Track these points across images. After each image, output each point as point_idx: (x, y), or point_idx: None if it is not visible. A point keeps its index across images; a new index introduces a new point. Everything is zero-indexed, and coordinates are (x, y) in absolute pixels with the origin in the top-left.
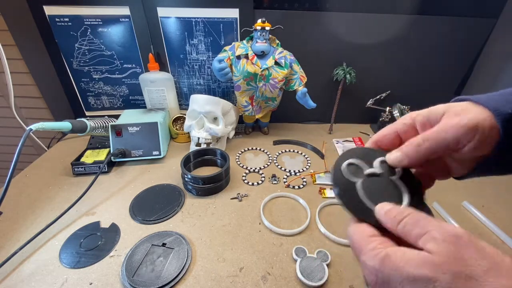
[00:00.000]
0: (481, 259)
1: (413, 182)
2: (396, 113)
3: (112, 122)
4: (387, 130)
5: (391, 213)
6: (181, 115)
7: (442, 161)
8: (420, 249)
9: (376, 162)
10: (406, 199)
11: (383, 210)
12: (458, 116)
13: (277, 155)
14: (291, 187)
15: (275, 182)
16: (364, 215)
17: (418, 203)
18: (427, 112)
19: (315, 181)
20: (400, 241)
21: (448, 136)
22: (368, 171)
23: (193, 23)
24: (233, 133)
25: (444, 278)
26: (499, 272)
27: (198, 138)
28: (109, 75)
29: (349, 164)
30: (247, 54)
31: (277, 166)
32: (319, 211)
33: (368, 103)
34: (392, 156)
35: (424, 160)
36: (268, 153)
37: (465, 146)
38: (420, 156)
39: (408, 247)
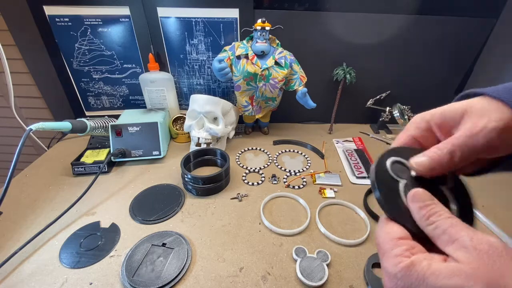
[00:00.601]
0: None
1: (464, 196)
2: (396, 113)
3: (112, 122)
4: (404, 138)
5: (425, 210)
6: (181, 115)
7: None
8: (447, 255)
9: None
10: (454, 206)
11: (419, 199)
12: (483, 117)
13: (277, 155)
14: (291, 187)
15: (275, 182)
16: (399, 215)
17: (464, 217)
18: (442, 112)
19: (315, 181)
20: (431, 243)
21: (479, 142)
22: (415, 173)
23: (193, 23)
24: (233, 133)
25: None
26: None
27: (198, 138)
28: (109, 75)
29: (395, 162)
30: (247, 54)
31: (277, 166)
32: (319, 211)
33: (368, 103)
34: (419, 161)
35: (454, 167)
36: (268, 153)
37: (498, 148)
38: (452, 164)
39: (438, 253)
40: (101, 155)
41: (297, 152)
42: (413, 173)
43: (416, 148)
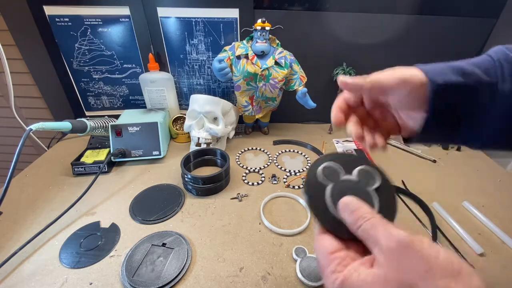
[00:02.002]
0: (418, 264)
1: (389, 198)
2: None
3: (112, 122)
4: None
5: (352, 216)
6: (181, 115)
7: (393, 117)
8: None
9: (356, 170)
10: (376, 208)
11: (347, 208)
12: (396, 70)
13: (277, 155)
14: (291, 187)
15: (275, 182)
16: (327, 221)
17: (386, 210)
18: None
19: None
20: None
21: (383, 80)
22: (344, 177)
23: (193, 23)
24: (233, 133)
25: None
26: (433, 274)
27: (198, 138)
28: (109, 75)
29: (325, 168)
30: (247, 54)
31: (277, 166)
32: None
33: None
34: (341, 78)
35: (367, 96)
36: (268, 153)
37: (397, 91)
38: (361, 89)
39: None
40: (101, 155)
41: (297, 152)
42: (342, 177)
43: (349, 154)
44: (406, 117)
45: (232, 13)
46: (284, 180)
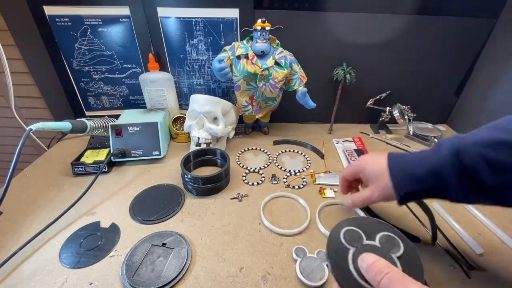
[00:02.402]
0: None
1: (414, 266)
2: (396, 113)
3: (112, 122)
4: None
5: (372, 268)
6: (181, 115)
7: None
8: None
9: (378, 236)
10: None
11: (364, 262)
12: (378, 189)
13: (277, 155)
14: (291, 187)
15: (275, 182)
16: (346, 282)
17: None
18: (365, 173)
19: (315, 181)
20: None
21: (375, 199)
22: (366, 242)
23: (193, 23)
24: (233, 133)
25: None
26: None
27: (198, 138)
28: (109, 75)
29: (347, 232)
30: (247, 54)
31: (277, 166)
32: (319, 211)
33: (368, 103)
34: (347, 202)
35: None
36: (268, 153)
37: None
38: (361, 205)
39: None
40: (101, 155)
41: (297, 152)
42: (367, 242)
43: (370, 218)
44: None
45: (232, 13)
46: (284, 180)
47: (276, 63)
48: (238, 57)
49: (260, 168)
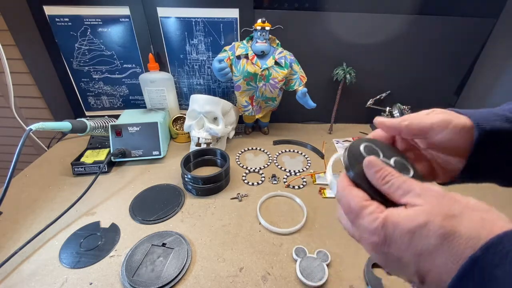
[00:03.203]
0: (455, 203)
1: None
2: (396, 113)
3: (112, 122)
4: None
5: (379, 173)
6: (181, 115)
7: (427, 161)
8: (403, 205)
9: (393, 158)
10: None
11: (374, 168)
12: (435, 112)
13: (277, 155)
14: (291, 187)
15: (275, 182)
16: (361, 180)
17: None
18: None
19: (315, 181)
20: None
21: (423, 121)
22: (382, 159)
23: (193, 23)
24: (233, 133)
25: (436, 219)
26: (470, 210)
27: (198, 138)
28: (109, 75)
29: (367, 146)
30: (247, 54)
31: (277, 166)
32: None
33: (368, 103)
34: (382, 119)
35: (405, 136)
36: (268, 153)
37: (438, 134)
38: (399, 129)
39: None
40: (101, 155)
41: (297, 152)
42: (381, 158)
43: (386, 144)
44: (443, 162)
45: (232, 13)
46: (284, 180)
47: (276, 63)
48: (238, 57)
49: (260, 168)
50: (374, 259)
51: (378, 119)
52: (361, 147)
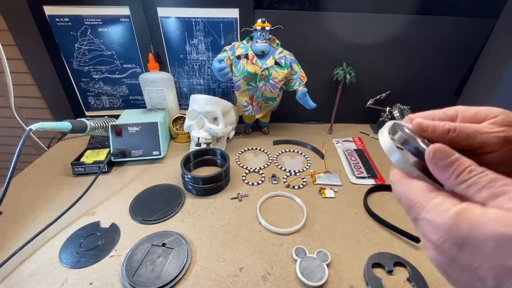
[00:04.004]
0: None
1: None
2: (396, 113)
3: (112, 122)
4: (429, 113)
5: (451, 169)
6: (181, 115)
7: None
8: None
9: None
10: None
11: (443, 160)
12: (499, 126)
13: (277, 155)
14: (291, 187)
15: (275, 182)
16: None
17: None
18: (477, 110)
19: (315, 181)
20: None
21: (477, 139)
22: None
23: (193, 23)
24: (233, 133)
25: None
26: None
27: (198, 138)
28: (109, 75)
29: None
30: (247, 54)
31: (277, 166)
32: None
33: (368, 103)
34: (421, 120)
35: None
36: (268, 153)
37: (493, 153)
38: (442, 140)
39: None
40: (101, 155)
41: (297, 152)
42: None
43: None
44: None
45: (232, 13)
46: (284, 180)
47: (276, 63)
48: (238, 57)
49: (260, 168)
50: (436, 264)
51: (416, 122)
52: (408, 131)
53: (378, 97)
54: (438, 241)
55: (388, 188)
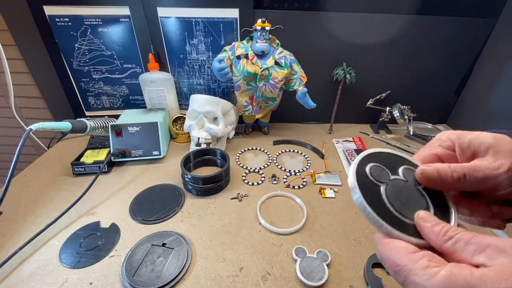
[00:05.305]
0: None
1: (439, 196)
2: (396, 113)
3: (112, 122)
4: (426, 154)
5: (439, 227)
6: (181, 115)
7: (487, 209)
8: (476, 266)
9: (401, 170)
10: (431, 210)
11: (428, 223)
12: (503, 159)
13: (277, 155)
14: (291, 187)
15: (275, 182)
16: (394, 224)
17: (446, 215)
18: (470, 140)
19: (315, 181)
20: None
21: (488, 181)
22: (394, 177)
23: (193, 23)
24: (233, 133)
25: None
26: None
27: (198, 138)
28: (109, 75)
29: (372, 168)
30: (247, 54)
31: (277, 166)
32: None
33: (368, 103)
34: (427, 169)
35: (459, 190)
36: (268, 153)
37: (505, 190)
38: (453, 186)
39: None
40: (101, 155)
41: (297, 152)
42: (393, 176)
43: (383, 151)
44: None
45: (232, 13)
46: (284, 180)
47: (276, 63)
48: (238, 57)
49: (260, 168)
50: None
51: (422, 170)
52: (368, 171)
53: (378, 97)
54: None
55: None
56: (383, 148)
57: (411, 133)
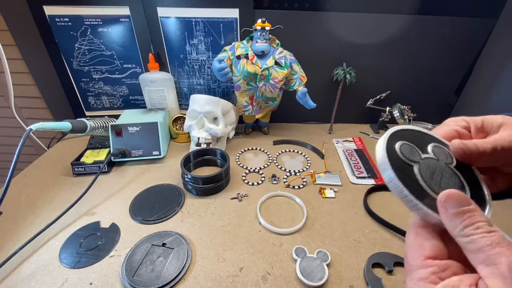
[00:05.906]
0: None
1: (469, 172)
2: (396, 113)
3: (112, 122)
4: (445, 130)
5: (459, 219)
6: (181, 115)
7: (505, 179)
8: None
9: (430, 148)
10: (467, 190)
11: (453, 208)
12: None
13: (277, 155)
14: (291, 187)
15: (275, 182)
16: (434, 207)
17: (481, 198)
18: (483, 118)
19: (315, 181)
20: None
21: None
22: (425, 155)
23: (193, 23)
24: (233, 133)
25: None
26: None
27: (198, 138)
28: (109, 75)
29: (403, 145)
30: (247, 54)
31: (277, 166)
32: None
33: (368, 103)
34: (466, 143)
35: (480, 163)
36: (268, 153)
37: None
38: (490, 158)
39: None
40: (101, 155)
41: (297, 152)
42: (424, 155)
43: (416, 130)
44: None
45: (232, 13)
46: (284, 180)
47: (276, 63)
48: (238, 57)
49: (260, 168)
50: None
51: (461, 143)
52: (398, 150)
53: (378, 97)
54: None
55: (388, 188)
56: (407, 125)
57: None
